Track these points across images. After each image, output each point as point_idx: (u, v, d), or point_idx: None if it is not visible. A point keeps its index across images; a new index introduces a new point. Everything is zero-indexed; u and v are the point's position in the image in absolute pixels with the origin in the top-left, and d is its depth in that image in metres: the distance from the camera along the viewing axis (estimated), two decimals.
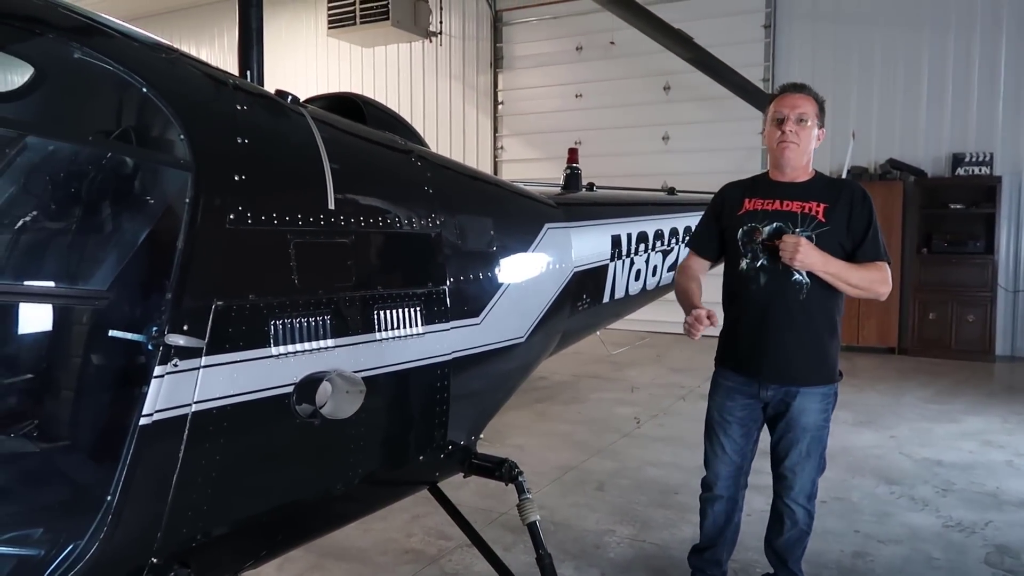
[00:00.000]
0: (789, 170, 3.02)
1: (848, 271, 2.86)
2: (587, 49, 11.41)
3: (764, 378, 3.00)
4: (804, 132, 2.95)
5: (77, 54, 1.77)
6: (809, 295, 2.90)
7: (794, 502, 3.07)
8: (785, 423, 3.02)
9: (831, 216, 2.90)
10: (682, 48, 5.54)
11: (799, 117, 2.94)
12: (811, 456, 3.02)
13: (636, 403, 6.95)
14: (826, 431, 3.05)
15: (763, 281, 2.95)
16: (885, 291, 2.93)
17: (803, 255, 2.78)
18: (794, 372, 2.97)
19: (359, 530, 3.92)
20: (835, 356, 3.04)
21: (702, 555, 3.30)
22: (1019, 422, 6.29)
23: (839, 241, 2.89)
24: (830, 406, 3.03)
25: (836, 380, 3.04)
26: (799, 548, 3.15)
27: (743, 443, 3.12)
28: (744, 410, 3.09)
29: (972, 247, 8.93)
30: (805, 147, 2.97)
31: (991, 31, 9.10)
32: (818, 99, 3.01)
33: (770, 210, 2.97)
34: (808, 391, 2.98)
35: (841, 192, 2.97)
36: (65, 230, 1.94)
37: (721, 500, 3.19)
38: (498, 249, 2.97)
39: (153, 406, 1.71)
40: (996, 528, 4.13)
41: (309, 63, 13.61)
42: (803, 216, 2.91)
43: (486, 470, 2.89)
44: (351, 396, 2.04)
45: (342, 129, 2.47)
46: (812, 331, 2.95)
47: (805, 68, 10.07)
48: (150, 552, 1.80)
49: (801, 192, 2.97)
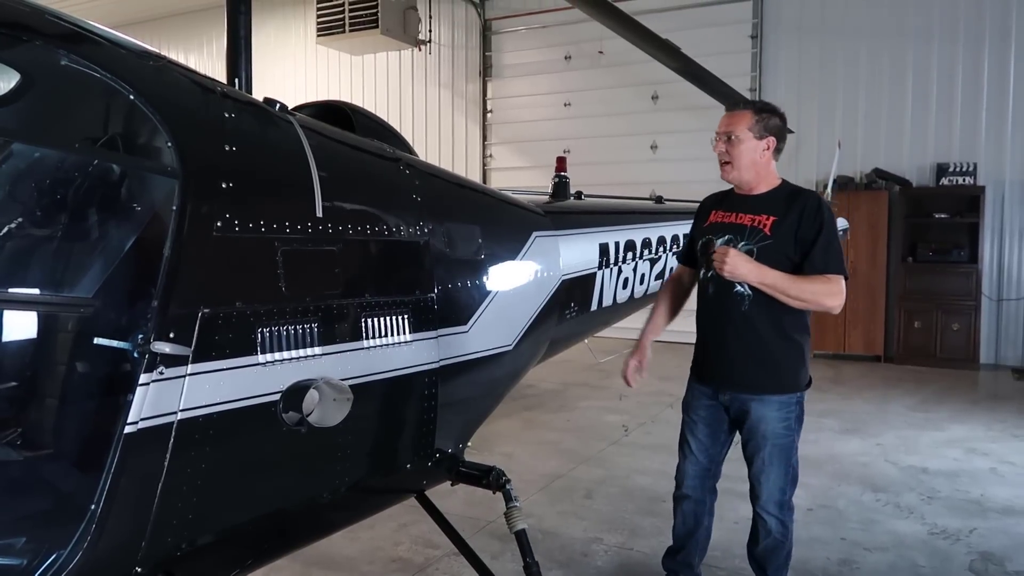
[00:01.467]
0: (739, 185, 3.08)
1: (787, 283, 2.83)
2: (576, 58, 11.47)
3: (717, 385, 3.10)
4: (736, 148, 2.97)
5: (64, 61, 1.77)
6: (751, 306, 2.92)
7: (763, 510, 3.09)
8: (747, 431, 3.07)
9: (777, 228, 2.91)
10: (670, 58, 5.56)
11: (727, 135, 2.98)
12: (774, 464, 3.03)
13: (624, 411, 6.96)
14: (790, 440, 3.04)
15: (712, 291, 3.04)
16: (833, 304, 2.86)
17: (731, 267, 2.80)
18: (741, 380, 3.02)
19: (346, 538, 3.90)
20: (793, 366, 3.02)
21: (675, 557, 3.35)
22: (1003, 430, 6.34)
23: (785, 254, 2.89)
24: (791, 416, 3.02)
25: (797, 390, 3.03)
26: (776, 557, 3.15)
27: (709, 444, 3.18)
28: (708, 411, 3.16)
29: (956, 256, 9.02)
30: (739, 162, 2.99)
31: (974, 43, 9.21)
32: (757, 109, 3.01)
33: (726, 222, 3.04)
34: (765, 399, 2.99)
35: (794, 204, 2.95)
36: (51, 237, 1.93)
37: (689, 500, 3.25)
38: (486, 257, 2.97)
39: (138, 414, 1.70)
40: (980, 535, 4.16)
41: (298, 71, 13.60)
42: (751, 229, 2.94)
43: (474, 478, 2.89)
44: (338, 404, 2.03)
45: (330, 137, 2.47)
46: (757, 341, 2.96)
47: (791, 78, 10.17)
48: (134, 561, 1.78)
49: (757, 204, 3.00)
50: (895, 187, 9.44)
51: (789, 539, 3.14)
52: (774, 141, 3.01)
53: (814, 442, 5.95)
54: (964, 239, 9.08)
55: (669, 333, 3.57)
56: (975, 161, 9.11)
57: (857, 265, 9.50)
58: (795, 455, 3.10)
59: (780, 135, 3.03)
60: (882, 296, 9.43)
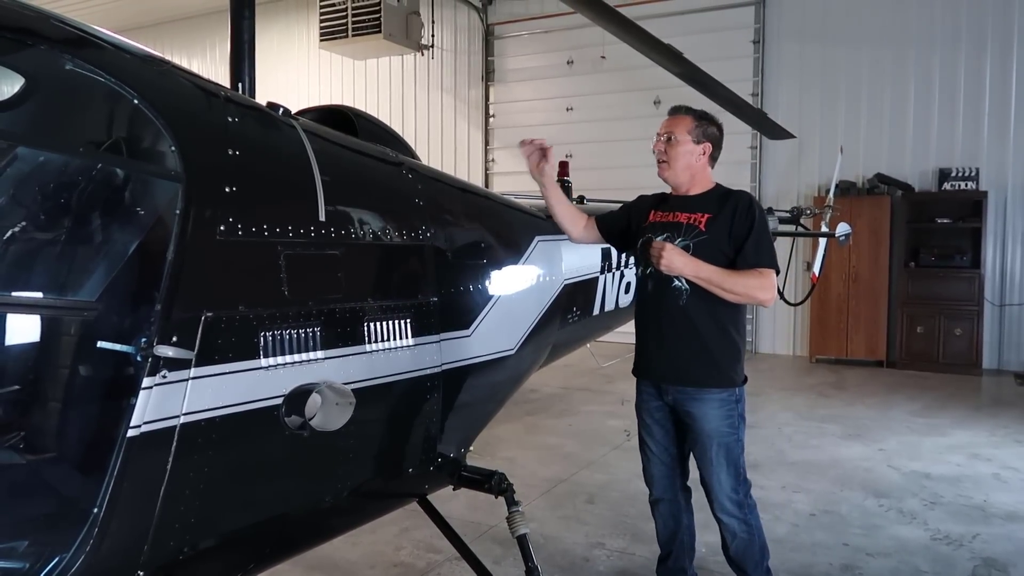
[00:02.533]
0: (674, 186, 3.17)
1: (721, 277, 2.91)
2: (578, 63, 11.48)
3: (657, 379, 3.14)
4: (673, 150, 3.07)
5: (69, 65, 1.77)
6: (689, 300, 2.98)
7: (722, 512, 3.11)
8: (693, 433, 3.10)
9: (712, 225, 2.99)
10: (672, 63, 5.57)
11: (667, 136, 3.10)
12: (722, 464, 3.05)
13: (626, 416, 6.90)
14: (735, 438, 3.06)
15: (650, 287, 3.09)
16: (765, 297, 2.95)
17: (667, 260, 2.86)
18: (680, 373, 3.05)
19: (348, 543, 3.90)
20: (730, 361, 3.06)
21: (666, 564, 3.36)
22: (1006, 435, 6.33)
23: (720, 249, 2.96)
24: (733, 412, 3.05)
25: (733, 385, 3.06)
26: (751, 555, 3.14)
27: (666, 443, 3.21)
28: (659, 412, 3.20)
29: (959, 261, 9.01)
30: (677, 163, 3.09)
31: (976, 48, 9.21)
32: (697, 116, 3.11)
33: (664, 221, 3.11)
34: (705, 396, 3.02)
35: (727, 203, 3.04)
36: (55, 240, 1.93)
37: (663, 502, 3.27)
38: (488, 261, 2.98)
39: (141, 417, 1.70)
40: (984, 541, 4.15)
41: (301, 75, 13.62)
42: (687, 226, 3.02)
43: (476, 483, 2.89)
44: (340, 408, 2.03)
45: (333, 141, 2.48)
46: (695, 335, 3.01)
47: (793, 83, 10.17)
48: (137, 565, 1.78)
49: (693, 204, 3.09)
50: (897, 192, 9.43)
51: (756, 535, 3.14)
52: (710, 147, 3.12)
53: (817, 447, 5.94)
54: (966, 244, 9.07)
55: None
56: (977, 166, 9.10)
57: (859, 270, 9.50)
58: (742, 456, 3.10)
59: (716, 143, 3.14)
60: (884, 301, 9.42)
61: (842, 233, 6.90)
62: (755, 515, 3.15)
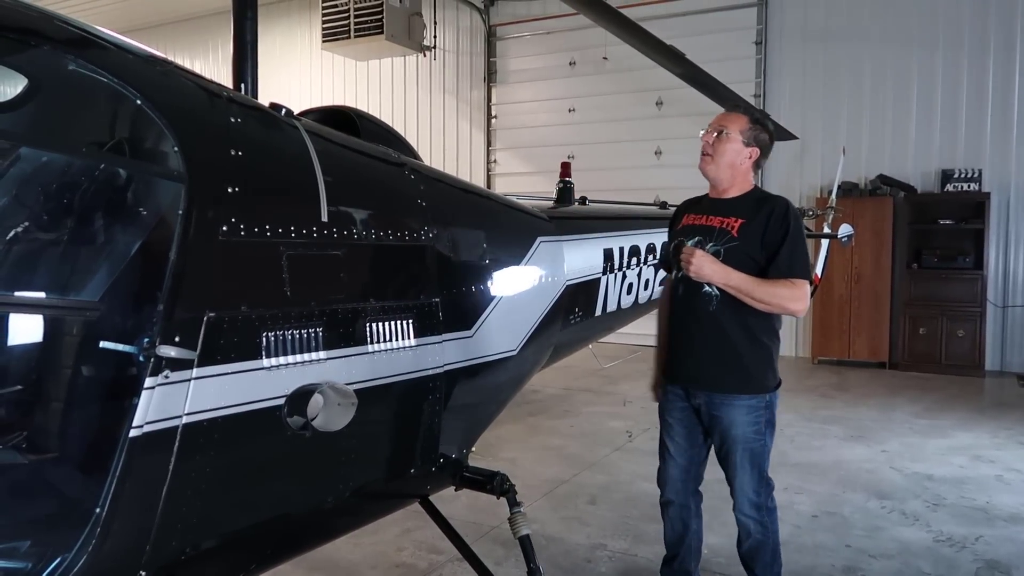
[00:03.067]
0: (713, 182, 3.11)
1: (751, 285, 2.87)
2: (580, 64, 11.48)
3: (685, 384, 3.13)
4: (722, 144, 3.01)
5: (72, 66, 1.77)
6: (719, 306, 2.95)
7: (740, 512, 3.11)
8: (719, 435, 3.08)
9: (745, 231, 2.94)
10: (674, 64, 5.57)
11: (718, 130, 3.03)
12: (746, 467, 3.04)
13: (628, 417, 6.95)
14: (760, 443, 3.04)
15: (681, 292, 3.07)
16: (796, 308, 2.90)
17: (696, 267, 2.84)
18: (708, 380, 3.04)
19: (349, 544, 3.90)
20: (760, 368, 3.03)
21: (671, 566, 3.35)
22: (1008, 437, 6.32)
23: (751, 256, 2.92)
24: (761, 419, 3.03)
25: (764, 392, 3.03)
26: (762, 556, 3.15)
27: (686, 446, 3.20)
28: (682, 413, 3.18)
29: (961, 262, 9.00)
30: (721, 160, 3.02)
31: (979, 49, 9.21)
32: (754, 119, 3.06)
33: (697, 225, 3.08)
34: (734, 402, 3.00)
35: (762, 208, 2.99)
36: (58, 241, 1.93)
37: (674, 505, 3.26)
38: (491, 262, 2.98)
39: (143, 418, 1.70)
40: (986, 543, 4.14)
41: (303, 76, 13.64)
42: (719, 231, 2.98)
43: (478, 483, 2.88)
44: (343, 408, 2.03)
45: (336, 142, 2.48)
46: (724, 341, 2.99)
47: (796, 85, 10.17)
48: (139, 565, 1.78)
49: (727, 208, 3.04)
50: (900, 193, 9.42)
51: (771, 538, 3.14)
52: (758, 153, 3.07)
53: (819, 449, 5.94)
54: (969, 245, 9.06)
55: None
56: (980, 167, 9.09)
57: (862, 272, 9.49)
58: (767, 459, 3.09)
59: (765, 151, 3.09)
60: (887, 303, 9.41)
61: (844, 234, 6.91)
62: (774, 519, 3.15)
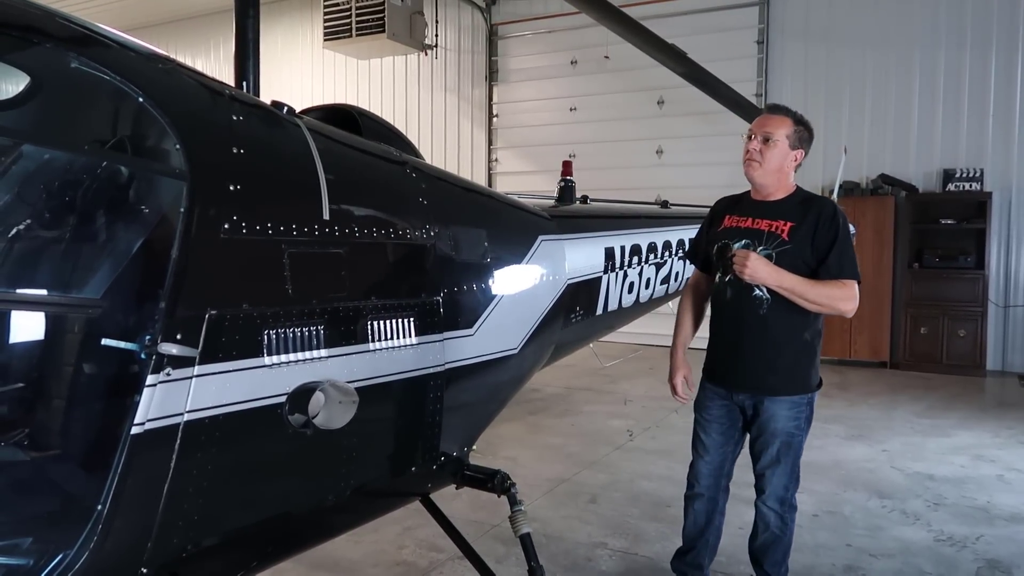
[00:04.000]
0: (759, 187, 3.12)
1: (804, 287, 2.91)
2: (582, 63, 11.48)
3: (731, 386, 3.15)
4: (769, 151, 3.02)
5: (74, 63, 1.78)
6: (770, 310, 2.98)
7: (764, 504, 3.16)
8: (757, 427, 3.13)
9: (795, 234, 2.97)
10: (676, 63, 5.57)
11: (764, 136, 3.03)
12: (781, 462, 3.09)
13: (629, 416, 6.95)
14: (798, 439, 3.10)
15: (729, 295, 3.08)
16: (847, 308, 2.96)
17: (751, 269, 2.86)
18: (757, 382, 3.07)
19: (350, 542, 3.90)
20: (805, 368, 3.09)
21: (684, 559, 3.37)
22: (1010, 436, 6.32)
23: (802, 259, 2.96)
24: (802, 415, 3.09)
25: (808, 391, 3.09)
26: (774, 552, 3.19)
27: (722, 441, 3.23)
28: (721, 410, 3.21)
29: (963, 262, 8.99)
30: (769, 166, 3.04)
31: (981, 48, 9.19)
32: (797, 120, 3.07)
33: (742, 227, 3.08)
34: (777, 398, 3.05)
35: (810, 210, 3.02)
36: (60, 238, 1.94)
37: (702, 499, 3.28)
38: (492, 260, 2.98)
39: (145, 415, 1.70)
40: (987, 542, 4.14)
41: (305, 75, 13.64)
42: (768, 234, 3.00)
43: (479, 482, 2.89)
44: (344, 406, 2.03)
45: (337, 140, 2.48)
46: (773, 344, 3.02)
47: (797, 84, 10.16)
48: (140, 562, 1.79)
49: (773, 211, 3.06)
50: (901, 193, 9.42)
51: (787, 536, 3.18)
52: (803, 154, 3.10)
53: (820, 448, 5.93)
54: (971, 245, 9.05)
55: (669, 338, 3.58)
56: (982, 167, 9.09)
57: (863, 271, 9.40)
58: (800, 456, 3.15)
59: (807, 151, 3.12)
60: (888, 302, 9.40)
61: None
62: (793, 517, 3.19)
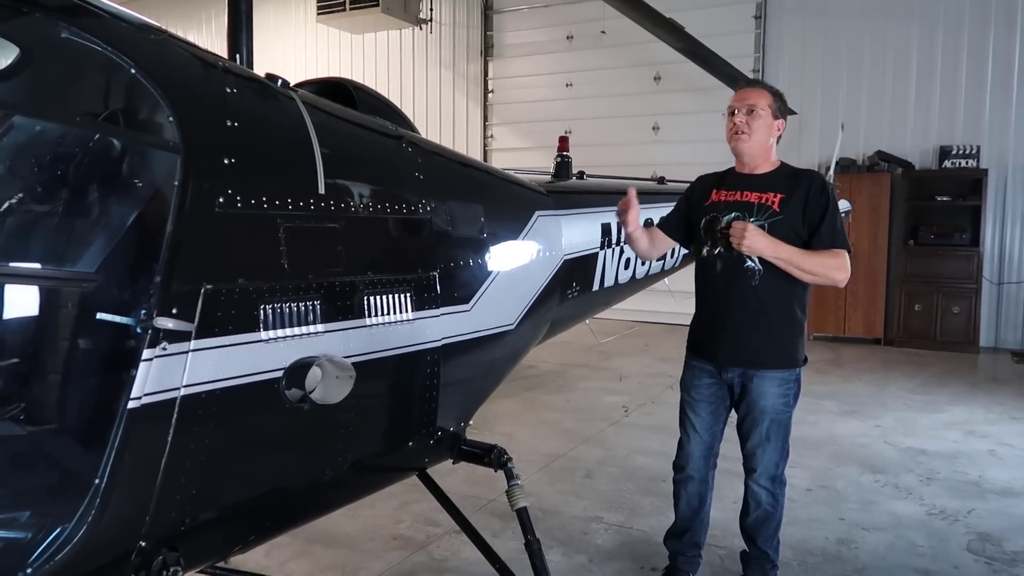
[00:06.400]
0: (747, 160, 3.12)
1: (800, 257, 2.92)
2: (578, 38, 11.38)
3: (721, 361, 3.13)
4: (755, 122, 3.03)
5: (64, 34, 1.75)
6: (762, 281, 2.99)
7: (756, 483, 3.17)
8: (746, 405, 3.13)
9: (786, 205, 2.98)
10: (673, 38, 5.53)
11: (748, 108, 3.04)
12: (771, 439, 3.11)
13: (624, 392, 6.98)
14: (787, 416, 3.13)
15: (720, 268, 3.07)
16: (841, 277, 2.99)
17: (750, 240, 2.85)
18: (748, 355, 3.07)
19: (347, 516, 3.93)
20: (794, 342, 3.11)
21: (680, 539, 3.38)
22: (1002, 412, 6.37)
23: (794, 230, 2.97)
24: (791, 392, 3.11)
25: (796, 366, 3.12)
26: (766, 528, 3.23)
27: (711, 421, 3.23)
28: (710, 389, 3.20)
29: (958, 239, 9.01)
30: (757, 137, 3.05)
31: (979, 25, 9.14)
32: (773, 92, 3.11)
33: (731, 200, 3.08)
34: (766, 374, 3.06)
35: (799, 182, 3.04)
36: (52, 212, 1.92)
37: (694, 481, 3.29)
38: (488, 236, 2.96)
39: (141, 390, 1.70)
40: (979, 516, 4.18)
41: (298, 49, 13.50)
42: (759, 206, 3.01)
43: (475, 456, 2.90)
44: (341, 381, 2.03)
45: (333, 114, 2.46)
46: (765, 316, 3.03)
47: (795, 60, 10.10)
48: (138, 536, 1.79)
49: (761, 183, 3.07)
50: (897, 170, 9.41)
51: (779, 511, 3.22)
52: (784, 124, 3.12)
53: (814, 424, 5.98)
54: (966, 222, 9.06)
55: (669, 315, 3.61)
56: (978, 144, 9.07)
57: (858, 248, 9.47)
58: (790, 432, 3.17)
59: (786, 122, 3.15)
60: (883, 279, 9.43)
61: (842, 210, 6.89)
62: (784, 492, 3.22)
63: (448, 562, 3.61)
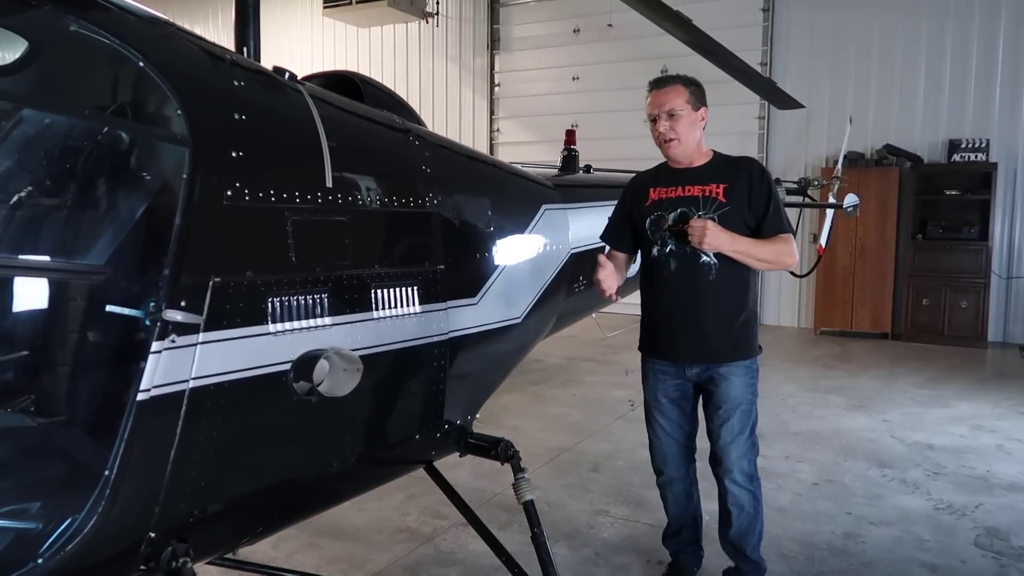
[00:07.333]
0: (683, 160, 3.07)
1: (755, 247, 2.92)
2: (584, 31, 11.34)
3: (684, 359, 3.09)
4: (679, 124, 2.97)
5: (73, 27, 1.75)
6: (718, 275, 2.96)
7: (734, 483, 3.10)
8: (714, 402, 3.09)
9: (731, 196, 2.95)
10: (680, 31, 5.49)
11: (668, 113, 2.97)
12: (742, 432, 3.07)
13: (631, 386, 6.92)
14: (754, 407, 3.10)
15: (673, 267, 3.02)
16: (792, 261, 3.01)
17: (711, 237, 2.82)
18: (712, 351, 3.04)
19: (354, 509, 3.94)
20: (753, 331, 3.12)
21: (678, 538, 3.37)
22: (1010, 407, 6.34)
23: (742, 218, 2.95)
24: (755, 381, 3.10)
25: (755, 355, 3.11)
26: (751, 535, 3.16)
27: (681, 421, 3.21)
28: (676, 391, 3.17)
29: (967, 233, 8.96)
30: (686, 138, 2.99)
31: (989, 18, 9.08)
32: (686, 82, 3.02)
33: (673, 197, 3.03)
34: (731, 367, 3.05)
35: (740, 170, 3.00)
36: (62, 205, 1.92)
37: (676, 481, 3.27)
38: (495, 229, 2.97)
39: (151, 382, 1.71)
40: (986, 511, 4.17)
41: (304, 43, 13.49)
42: (704, 199, 2.97)
43: (482, 449, 2.91)
44: (348, 374, 2.03)
45: (340, 107, 2.46)
46: (725, 309, 3.01)
47: (803, 53, 10.05)
48: (148, 527, 1.80)
49: (701, 176, 3.02)
50: (906, 163, 9.36)
51: (760, 512, 3.17)
52: (705, 110, 3.05)
53: (821, 418, 5.97)
54: (975, 216, 9.01)
55: None
56: (988, 138, 9.01)
57: (866, 242, 9.46)
58: (756, 424, 3.13)
59: (706, 104, 3.07)
60: (891, 273, 9.39)
61: (849, 204, 6.86)
62: (760, 488, 3.17)
63: (455, 555, 3.62)
